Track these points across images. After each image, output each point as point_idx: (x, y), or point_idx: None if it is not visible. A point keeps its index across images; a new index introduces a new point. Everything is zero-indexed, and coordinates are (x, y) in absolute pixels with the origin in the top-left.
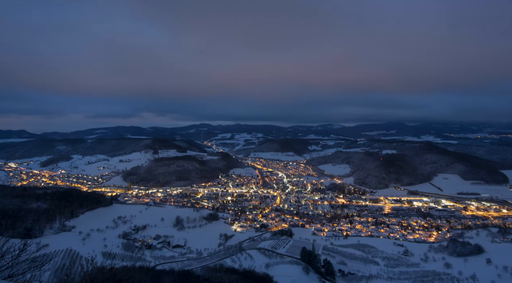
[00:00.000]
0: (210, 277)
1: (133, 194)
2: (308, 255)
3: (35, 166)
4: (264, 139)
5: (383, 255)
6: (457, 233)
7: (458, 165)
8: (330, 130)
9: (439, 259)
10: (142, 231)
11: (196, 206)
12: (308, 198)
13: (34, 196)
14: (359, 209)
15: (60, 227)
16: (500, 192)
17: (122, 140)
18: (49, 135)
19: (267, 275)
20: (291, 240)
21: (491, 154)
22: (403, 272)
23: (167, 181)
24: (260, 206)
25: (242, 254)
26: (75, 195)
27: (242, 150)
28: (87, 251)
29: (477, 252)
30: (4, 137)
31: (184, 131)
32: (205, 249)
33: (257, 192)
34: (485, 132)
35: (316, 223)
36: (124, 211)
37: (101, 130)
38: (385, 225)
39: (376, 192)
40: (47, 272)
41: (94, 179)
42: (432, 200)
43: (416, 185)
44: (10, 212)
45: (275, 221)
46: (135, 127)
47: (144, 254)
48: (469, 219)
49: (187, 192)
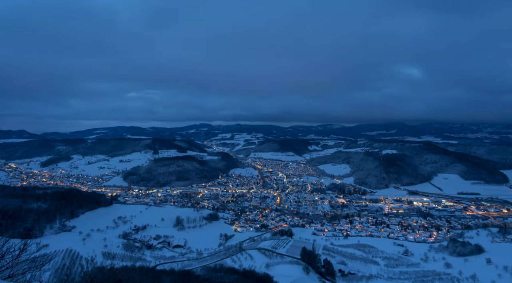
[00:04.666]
0: (210, 277)
1: (133, 194)
2: (308, 255)
3: (35, 166)
4: (264, 139)
5: (383, 255)
6: (457, 233)
7: (458, 164)
8: (330, 130)
9: (439, 259)
10: (142, 231)
11: (196, 206)
12: (308, 198)
13: (34, 196)
14: (359, 209)
15: (60, 227)
16: (500, 191)
17: (122, 141)
18: (49, 135)
19: (267, 275)
20: (291, 240)
21: (491, 154)
22: (403, 272)
23: (167, 181)
24: (260, 206)
25: (242, 254)
26: (75, 195)
27: (242, 150)
28: (87, 251)
29: (477, 252)
30: (4, 137)
31: (184, 131)
32: (205, 249)
33: (257, 192)
34: (485, 132)
35: (316, 223)
36: (124, 211)
37: (101, 131)
38: (385, 225)
39: (376, 192)
40: (47, 272)
41: (94, 179)
42: (432, 200)
43: (416, 185)
44: (10, 212)
45: (275, 221)
46: (135, 127)
47: (144, 254)
48: (469, 218)
49: (187, 192)
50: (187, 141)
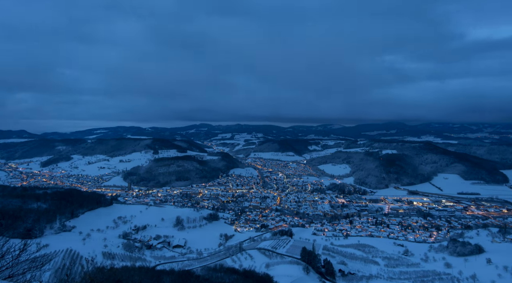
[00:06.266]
0: (211, 277)
1: (133, 194)
2: (308, 255)
3: (35, 166)
4: (264, 139)
5: (383, 255)
6: (457, 233)
7: (458, 164)
8: (330, 130)
9: (439, 259)
10: (142, 231)
11: (196, 206)
12: (308, 198)
13: (34, 196)
14: (359, 209)
15: (60, 227)
16: (500, 191)
17: (122, 141)
18: (49, 135)
19: (267, 275)
20: (291, 240)
21: (491, 153)
22: (403, 272)
23: (167, 181)
24: (260, 206)
25: (242, 254)
26: (75, 195)
27: (242, 150)
28: (87, 251)
29: (477, 252)
30: (4, 137)
31: (184, 131)
32: (205, 249)
33: (257, 192)
34: (485, 132)
35: (316, 223)
36: (124, 211)
37: (101, 131)
38: (385, 225)
39: (376, 192)
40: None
41: (94, 179)
42: (432, 200)
43: (416, 185)
44: (10, 212)
45: (275, 221)
46: (135, 127)
47: (144, 254)
48: (469, 218)
49: (187, 192)
50: (187, 141)
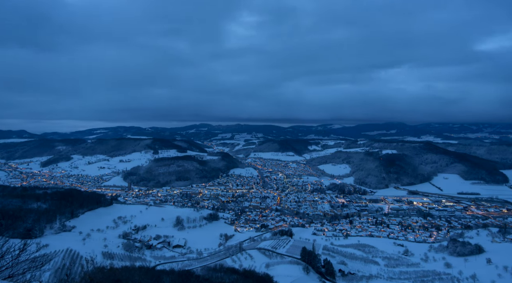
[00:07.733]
0: (210, 277)
1: (133, 194)
2: (308, 255)
3: (35, 166)
4: (264, 139)
5: (383, 255)
6: (457, 233)
7: (458, 164)
8: (330, 130)
9: (439, 259)
10: (142, 231)
11: (196, 206)
12: (308, 198)
13: (34, 196)
14: (359, 209)
15: (60, 227)
16: (500, 191)
17: (122, 141)
18: (49, 135)
19: (267, 275)
20: (291, 240)
21: (491, 153)
22: (403, 272)
23: (167, 181)
24: (260, 206)
25: (242, 254)
26: (75, 195)
27: (242, 150)
28: (87, 251)
29: (477, 252)
30: (4, 137)
31: (184, 131)
32: (205, 249)
33: (257, 192)
34: (485, 132)
35: (316, 223)
36: (124, 211)
37: (101, 131)
38: (385, 225)
39: (376, 192)
40: (47, 272)
41: (94, 179)
42: (432, 200)
43: (416, 185)
44: (10, 212)
45: (275, 221)
46: (135, 127)
47: (144, 254)
48: (469, 218)
49: (187, 192)
50: (187, 141)
